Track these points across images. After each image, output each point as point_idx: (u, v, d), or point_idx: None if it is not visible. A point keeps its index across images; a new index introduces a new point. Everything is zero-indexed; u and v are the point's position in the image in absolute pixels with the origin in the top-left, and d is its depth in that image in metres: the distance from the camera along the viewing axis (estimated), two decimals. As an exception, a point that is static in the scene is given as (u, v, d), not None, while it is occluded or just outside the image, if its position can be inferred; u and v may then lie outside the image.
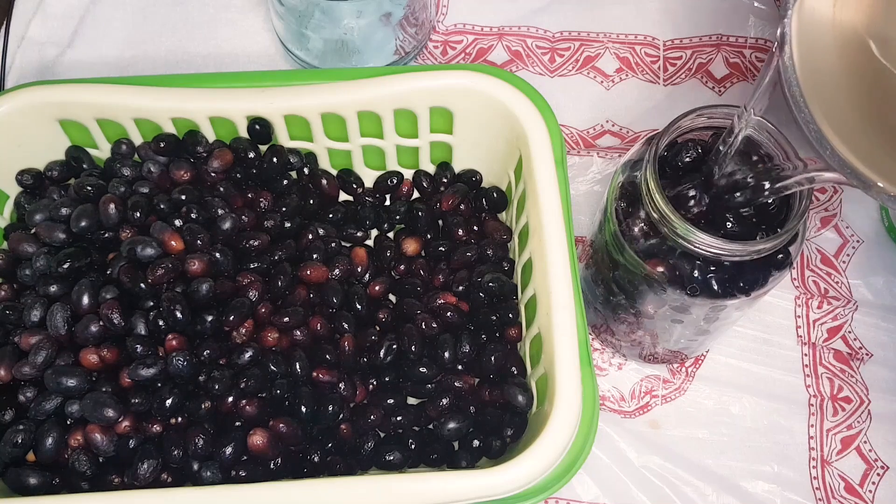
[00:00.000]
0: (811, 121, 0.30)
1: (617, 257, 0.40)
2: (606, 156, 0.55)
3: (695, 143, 0.39)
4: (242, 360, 0.41)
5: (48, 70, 0.58)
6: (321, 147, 0.49)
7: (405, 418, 0.43)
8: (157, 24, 0.60)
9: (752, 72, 0.57)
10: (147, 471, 0.38)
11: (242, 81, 0.46)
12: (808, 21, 0.31)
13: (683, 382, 0.49)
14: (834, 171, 0.31)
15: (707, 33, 0.59)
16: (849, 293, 0.51)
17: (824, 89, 0.31)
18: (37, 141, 0.47)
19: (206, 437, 0.40)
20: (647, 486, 0.46)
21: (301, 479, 0.40)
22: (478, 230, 0.48)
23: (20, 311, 0.42)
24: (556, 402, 0.37)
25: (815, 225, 0.53)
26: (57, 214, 0.44)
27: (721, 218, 0.37)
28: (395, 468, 0.42)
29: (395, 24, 0.54)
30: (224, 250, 0.43)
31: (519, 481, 0.35)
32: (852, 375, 0.49)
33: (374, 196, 0.51)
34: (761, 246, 0.35)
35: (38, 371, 0.40)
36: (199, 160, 0.47)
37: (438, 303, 0.45)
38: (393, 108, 0.46)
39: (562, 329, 0.38)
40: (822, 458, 0.47)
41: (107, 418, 0.39)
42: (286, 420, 0.40)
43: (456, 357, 0.43)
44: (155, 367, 0.39)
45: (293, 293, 0.44)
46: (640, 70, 0.58)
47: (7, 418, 0.40)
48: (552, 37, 0.59)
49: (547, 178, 0.42)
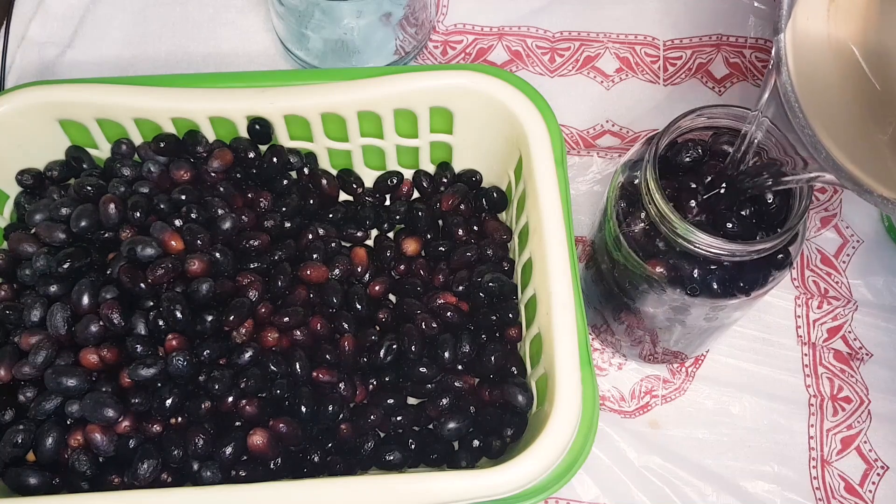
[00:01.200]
0: (806, 125, 0.30)
1: (617, 257, 0.40)
2: (606, 156, 0.55)
3: (695, 143, 0.39)
4: (242, 360, 0.41)
5: (48, 70, 0.58)
6: (321, 147, 0.49)
7: (405, 418, 0.43)
8: (157, 24, 0.60)
9: (751, 72, 0.57)
10: (147, 471, 0.38)
11: (242, 81, 0.46)
12: (803, 37, 0.31)
13: (683, 382, 0.49)
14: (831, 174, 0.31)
15: (707, 33, 0.59)
16: (849, 293, 0.51)
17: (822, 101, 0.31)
18: (37, 141, 0.47)
19: (206, 437, 0.40)
20: (647, 486, 0.46)
21: (301, 479, 0.40)
22: (478, 230, 0.48)
23: (20, 311, 0.42)
24: (556, 402, 0.37)
25: (815, 225, 0.53)
26: (57, 214, 0.44)
27: (721, 218, 0.37)
28: (395, 468, 0.42)
29: (395, 24, 0.54)
30: (224, 250, 0.43)
31: (519, 481, 0.35)
32: (852, 375, 0.49)
33: (374, 196, 0.51)
34: (761, 246, 0.35)
35: (38, 371, 0.40)
36: (199, 160, 0.47)
37: (438, 303, 0.45)
38: (393, 108, 0.46)
39: (562, 329, 0.38)
40: (822, 458, 0.47)
41: (107, 418, 0.39)
42: (286, 420, 0.40)
43: (456, 357, 0.43)
44: (155, 367, 0.39)
45: (293, 293, 0.44)
46: (640, 70, 0.58)
47: (7, 418, 0.40)
48: (552, 37, 0.59)
49: (547, 178, 0.42)
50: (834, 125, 0.31)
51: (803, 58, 0.31)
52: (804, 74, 0.31)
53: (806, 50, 0.31)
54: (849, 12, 0.32)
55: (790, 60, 0.30)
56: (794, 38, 0.31)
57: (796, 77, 0.30)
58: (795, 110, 0.30)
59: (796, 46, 0.31)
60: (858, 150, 0.31)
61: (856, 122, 0.32)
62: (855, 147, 0.31)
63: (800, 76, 0.31)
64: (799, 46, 0.31)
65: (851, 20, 0.32)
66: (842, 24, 0.32)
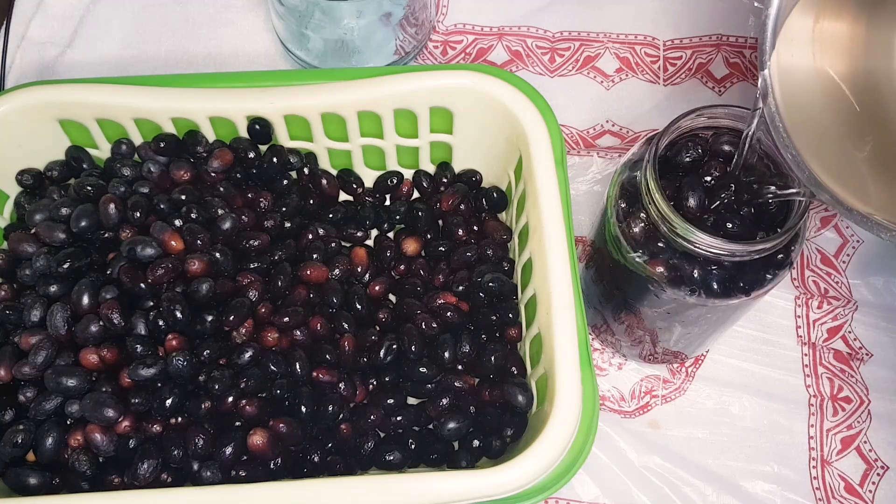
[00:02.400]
0: (791, 146, 0.32)
1: (617, 257, 0.40)
2: (606, 156, 0.55)
3: (695, 143, 0.39)
4: (242, 360, 0.41)
5: (48, 70, 0.58)
6: (321, 147, 0.49)
7: (405, 418, 0.43)
8: (157, 24, 0.60)
9: (752, 72, 0.57)
10: (147, 471, 0.38)
11: (242, 81, 0.46)
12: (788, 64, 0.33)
13: (683, 382, 0.49)
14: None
15: (707, 33, 0.59)
16: (849, 293, 0.51)
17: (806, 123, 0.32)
18: (37, 141, 0.47)
19: (206, 437, 0.40)
20: (647, 486, 0.46)
21: (301, 479, 0.40)
22: (478, 230, 0.48)
23: (20, 311, 0.42)
24: (556, 402, 0.37)
25: (815, 225, 0.53)
26: (57, 214, 0.44)
27: (721, 218, 0.37)
28: (395, 468, 0.42)
29: (395, 24, 0.54)
30: (224, 250, 0.43)
31: (519, 481, 0.35)
32: (852, 375, 0.49)
33: (374, 196, 0.51)
34: (761, 246, 0.35)
35: (38, 371, 0.40)
36: (199, 160, 0.47)
37: (438, 303, 0.45)
38: (393, 108, 0.46)
39: (562, 329, 0.38)
40: (822, 458, 0.47)
41: (107, 418, 0.39)
42: (286, 420, 0.40)
43: (456, 357, 0.43)
44: (155, 367, 0.39)
45: (293, 293, 0.44)
46: (640, 70, 0.58)
47: (7, 418, 0.40)
48: (552, 37, 0.59)
49: (547, 178, 0.42)
50: (816, 146, 0.32)
51: (788, 84, 0.33)
52: (789, 99, 0.32)
53: (791, 76, 0.33)
54: (831, 39, 0.34)
55: (776, 88, 0.32)
56: (780, 66, 0.32)
57: (782, 102, 0.32)
58: (780, 131, 0.32)
59: (781, 72, 0.33)
60: (839, 168, 0.33)
61: (836, 143, 0.33)
62: (836, 166, 0.32)
63: (785, 101, 0.32)
64: (784, 72, 0.33)
65: (834, 47, 0.34)
66: (825, 51, 0.33)
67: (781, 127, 0.32)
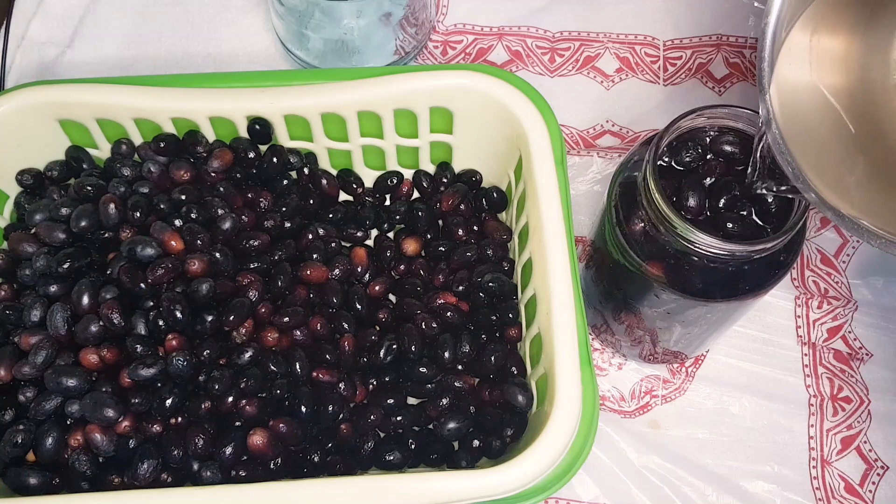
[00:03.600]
0: (792, 161, 0.32)
1: (617, 257, 0.40)
2: (606, 156, 0.55)
3: (695, 143, 0.39)
4: (242, 360, 0.41)
5: (48, 70, 0.58)
6: (321, 147, 0.49)
7: (405, 418, 0.43)
8: (157, 24, 0.60)
9: (752, 72, 0.57)
10: (147, 471, 0.38)
11: (242, 81, 0.46)
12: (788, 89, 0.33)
13: (683, 382, 0.49)
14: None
15: (707, 33, 0.59)
16: (849, 293, 0.51)
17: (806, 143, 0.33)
18: (37, 141, 0.47)
19: (206, 437, 0.40)
20: (647, 486, 0.46)
21: (301, 479, 0.40)
22: (478, 230, 0.48)
23: (20, 311, 0.42)
24: (556, 402, 0.37)
25: (815, 225, 0.53)
26: (57, 214, 0.44)
27: (721, 218, 0.37)
28: (395, 468, 0.42)
29: (395, 24, 0.54)
30: (224, 250, 0.43)
31: (519, 481, 0.35)
32: (852, 375, 0.49)
33: (374, 196, 0.51)
34: (761, 246, 0.35)
35: (38, 371, 0.40)
36: (199, 160, 0.47)
37: (438, 303, 0.45)
38: (393, 108, 0.46)
39: (562, 329, 0.38)
40: (822, 458, 0.47)
41: (107, 418, 0.39)
42: (286, 420, 0.40)
43: (456, 357, 0.43)
44: (155, 367, 0.39)
45: (293, 293, 0.44)
46: (640, 70, 0.58)
47: (7, 418, 0.40)
48: (552, 37, 0.59)
49: (547, 178, 0.42)
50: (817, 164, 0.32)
51: (788, 106, 0.33)
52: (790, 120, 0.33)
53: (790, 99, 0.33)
54: (828, 62, 0.34)
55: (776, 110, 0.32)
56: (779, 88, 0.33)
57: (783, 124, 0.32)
58: (781, 147, 0.32)
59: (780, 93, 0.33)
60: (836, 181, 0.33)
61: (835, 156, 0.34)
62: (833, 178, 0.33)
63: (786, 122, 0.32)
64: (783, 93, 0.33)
65: (830, 69, 0.34)
66: (823, 73, 0.34)
67: (780, 138, 0.32)
